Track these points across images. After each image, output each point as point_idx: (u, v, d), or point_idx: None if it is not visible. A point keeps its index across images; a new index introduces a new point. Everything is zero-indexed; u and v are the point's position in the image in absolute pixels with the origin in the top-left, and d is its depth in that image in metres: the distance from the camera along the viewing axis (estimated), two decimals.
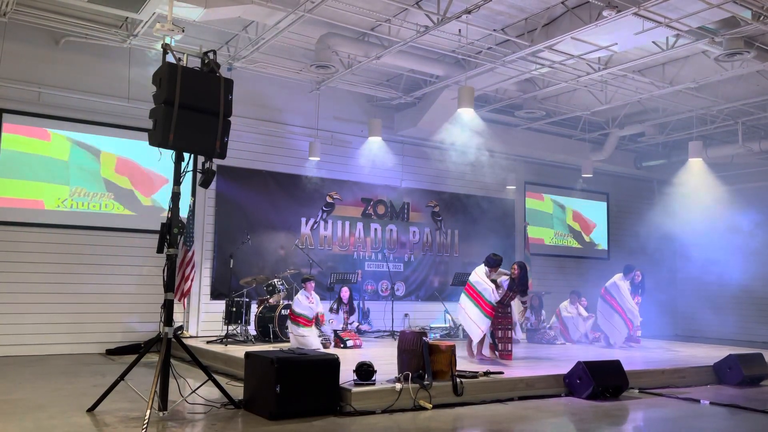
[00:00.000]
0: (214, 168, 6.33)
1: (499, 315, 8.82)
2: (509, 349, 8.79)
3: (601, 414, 6.44)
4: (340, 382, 6.13)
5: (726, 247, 14.81)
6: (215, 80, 6.03)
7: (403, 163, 13.81)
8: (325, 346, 9.33)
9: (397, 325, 12.40)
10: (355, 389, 6.10)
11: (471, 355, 8.89)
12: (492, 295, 8.62)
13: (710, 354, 9.90)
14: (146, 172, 11.00)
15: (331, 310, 10.29)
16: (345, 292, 10.54)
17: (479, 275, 8.87)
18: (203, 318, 11.30)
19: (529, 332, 11.98)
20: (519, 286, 8.84)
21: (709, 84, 11.51)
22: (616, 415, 6.49)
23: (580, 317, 12.07)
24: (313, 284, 9.78)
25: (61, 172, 10.36)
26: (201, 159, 6.20)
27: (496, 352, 8.80)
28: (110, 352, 10.19)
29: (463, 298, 8.91)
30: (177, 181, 6.03)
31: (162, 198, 11.01)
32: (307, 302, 9.33)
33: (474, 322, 8.66)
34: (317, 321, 9.52)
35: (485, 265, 8.97)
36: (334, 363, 6.09)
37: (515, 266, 8.95)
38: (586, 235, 16.87)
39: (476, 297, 8.71)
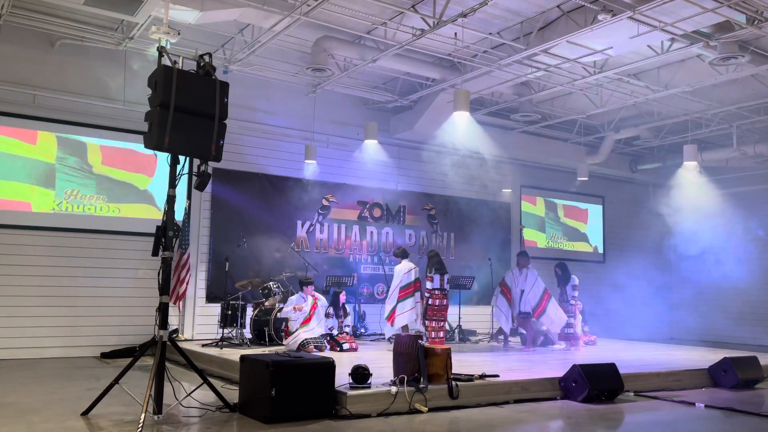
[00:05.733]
0: (210, 171, 6.34)
1: (435, 308, 9.23)
2: (441, 336, 9.23)
3: (597, 417, 6.44)
4: (336, 386, 6.12)
5: (721, 250, 14.85)
6: (211, 83, 6.03)
7: (399, 166, 13.81)
8: (320, 350, 9.31)
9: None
10: (350, 392, 6.09)
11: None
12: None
13: (705, 357, 9.91)
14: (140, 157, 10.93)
15: (327, 315, 10.25)
16: (341, 296, 10.51)
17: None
18: (198, 321, 11.26)
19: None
20: (434, 265, 9.42)
21: (704, 88, 11.55)
22: (612, 419, 6.50)
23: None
24: (312, 288, 9.77)
25: (48, 175, 10.25)
26: (197, 162, 6.21)
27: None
28: (105, 356, 10.14)
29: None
30: (172, 184, 6.02)
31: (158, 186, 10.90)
32: (300, 307, 9.40)
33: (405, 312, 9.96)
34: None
35: (405, 259, 10.36)
36: (329, 366, 6.08)
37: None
38: (582, 226, 16.85)
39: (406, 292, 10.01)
